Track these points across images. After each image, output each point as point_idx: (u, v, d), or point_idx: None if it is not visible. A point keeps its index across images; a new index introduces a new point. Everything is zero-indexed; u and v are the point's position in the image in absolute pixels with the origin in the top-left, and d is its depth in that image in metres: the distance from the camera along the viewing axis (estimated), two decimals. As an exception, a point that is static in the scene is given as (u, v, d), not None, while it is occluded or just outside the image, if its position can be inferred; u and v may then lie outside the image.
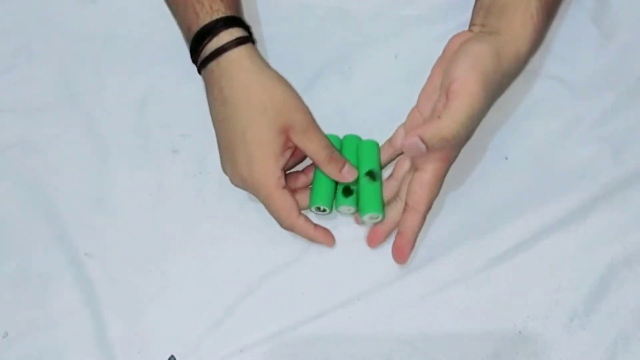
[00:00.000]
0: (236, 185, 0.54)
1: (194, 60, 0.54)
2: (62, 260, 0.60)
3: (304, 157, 0.55)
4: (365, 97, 0.64)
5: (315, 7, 0.66)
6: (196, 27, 0.52)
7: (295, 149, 0.53)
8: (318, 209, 0.55)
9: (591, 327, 0.57)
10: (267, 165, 0.51)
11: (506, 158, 0.61)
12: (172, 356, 0.57)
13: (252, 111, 0.51)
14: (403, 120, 0.55)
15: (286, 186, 0.53)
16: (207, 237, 0.60)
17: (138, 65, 0.62)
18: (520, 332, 0.57)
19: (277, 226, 0.54)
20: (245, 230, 0.60)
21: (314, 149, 0.52)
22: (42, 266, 0.60)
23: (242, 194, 0.55)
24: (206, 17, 0.52)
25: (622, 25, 0.64)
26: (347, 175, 0.54)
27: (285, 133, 0.51)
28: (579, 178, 0.60)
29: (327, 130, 0.54)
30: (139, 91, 0.65)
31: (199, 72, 0.54)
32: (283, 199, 0.52)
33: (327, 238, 0.56)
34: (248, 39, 0.53)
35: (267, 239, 0.59)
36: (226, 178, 0.54)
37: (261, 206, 0.53)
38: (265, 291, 0.59)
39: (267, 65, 0.53)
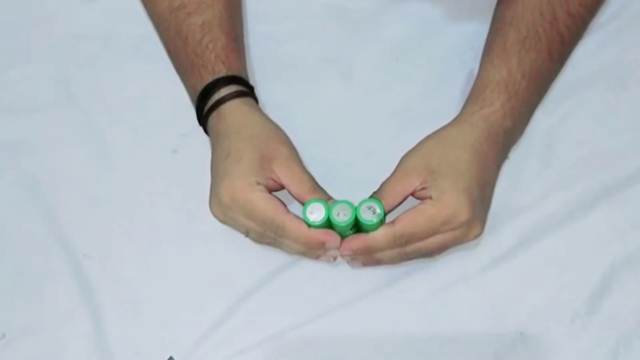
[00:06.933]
0: (217, 216, 0.53)
1: (200, 119, 0.56)
2: (60, 261, 0.59)
3: None
4: (365, 97, 0.64)
5: (315, 6, 0.66)
6: (200, 87, 0.55)
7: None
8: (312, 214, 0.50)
9: (593, 328, 0.56)
10: (243, 175, 0.50)
11: (507, 157, 0.61)
12: (170, 357, 0.57)
13: (239, 140, 0.52)
14: (403, 121, 0.55)
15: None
16: (206, 237, 0.60)
17: (138, 65, 0.62)
18: (521, 333, 0.56)
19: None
20: (245, 231, 0.60)
21: (297, 181, 0.52)
22: (40, 267, 0.59)
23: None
24: (209, 78, 0.55)
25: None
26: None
27: (267, 161, 0.51)
28: (579, 177, 0.60)
29: (326, 129, 0.54)
30: (138, 91, 0.64)
31: (205, 131, 0.56)
32: (265, 199, 0.50)
33: (328, 235, 0.51)
34: (247, 93, 0.55)
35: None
36: None
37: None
38: (265, 292, 0.58)
39: (264, 114, 0.55)
